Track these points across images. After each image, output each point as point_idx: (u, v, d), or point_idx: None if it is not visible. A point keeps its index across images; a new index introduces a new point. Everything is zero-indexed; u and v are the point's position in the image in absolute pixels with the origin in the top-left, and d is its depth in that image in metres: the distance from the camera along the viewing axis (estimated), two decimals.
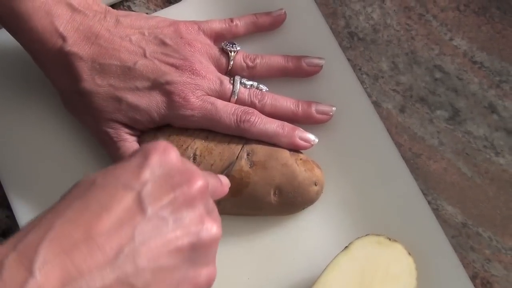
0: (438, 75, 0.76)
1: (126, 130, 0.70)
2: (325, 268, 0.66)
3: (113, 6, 0.79)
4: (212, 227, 0.54)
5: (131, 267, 0.49)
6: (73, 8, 0.69)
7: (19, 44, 0.70)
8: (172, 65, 0.70)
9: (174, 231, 0.52)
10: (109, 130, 0.70)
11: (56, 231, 0.48)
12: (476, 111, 0.75)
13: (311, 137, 0.72)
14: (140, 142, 0.71)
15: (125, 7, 0.80)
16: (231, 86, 0.72)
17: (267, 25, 0.77)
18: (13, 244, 0.48)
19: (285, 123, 0.71)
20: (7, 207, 0.73)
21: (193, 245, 0.53)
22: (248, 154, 0.70)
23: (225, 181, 0.63)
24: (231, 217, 0.71)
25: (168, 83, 0.69)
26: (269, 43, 0.77)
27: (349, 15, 0.79)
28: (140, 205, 0.51)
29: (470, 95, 0.76)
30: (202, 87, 0.70)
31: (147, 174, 0.52)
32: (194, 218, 0.53)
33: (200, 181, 0.54)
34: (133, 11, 0.79)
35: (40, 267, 0.46)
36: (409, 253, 0.67)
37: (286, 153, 0.71)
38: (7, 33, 0.70)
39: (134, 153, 0.55)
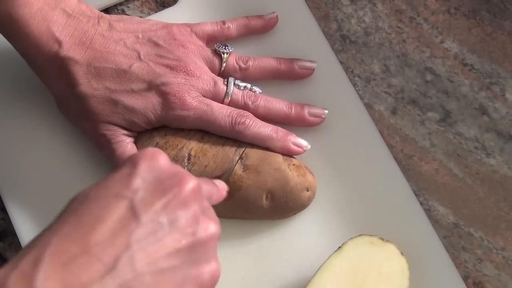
0: (429, 77, 0.77)
1: (123, 131, 0.70)
2: (319, 268, 0.67)
3: (107, 9, 0.80)
4: (208, 226, 0.55)
5: (131, 273, 0.50)
6: (68, 14, 0.70)
7: (15, 50, 0.71)
8: (166, 66, 0.70)
9: (170, 233, 0.52)
10: (106, 132, 0.70)
11: (54, 247, 0.49)
12: (467, 113, 0.76)
13: (303, 143, 0.72)
14: (136, 143, 0.71)
15: (119, 11, 0.80)
16: (225, 87, 0.72)
17: (259, 28, 0.77)
18: (13, 264, 0.48)
19: (279, 127, 0.72)
20: (3, 209, 0.73)
21: (191, 245, 0.53)
22: (241, 158, 0.70)
23: (221, 185, 0.63)
24: (226, 218, 0.71)
25: (163, 84, 0.70)
26: (262, 46, 0.77)
27: (341, 18, 0.79)
28: (133, 212, 0.52)
29: (461, 97, 0.76)
30: (196, 88, 0.71)
31: (137, 181, 0.53)
32: (189, 219, 0.54)
33: (191, 182, 0.55)
34: (127, 14, 0.80)
35: (42, 283, 0.47)
36: (402, 253, 0.67)
37: (279, 158, 0.71)
38: (3, 39, 0.71)
39: (123, 163, 0.55)
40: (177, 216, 0.53)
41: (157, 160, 0.55)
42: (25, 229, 0.72)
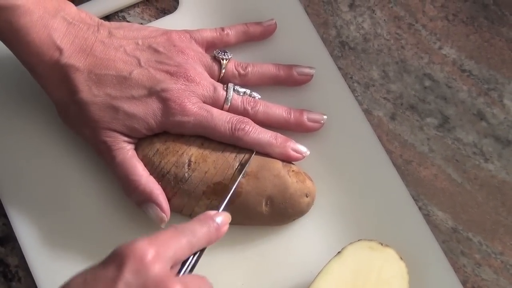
0: (427, 83, 0.77)
1: (124, 138, 0.70)
2: (318, 273, 0.67)
3: (108, 16, 0.80)
4: None
5: None
6: (68, 22, 0.70)
7: (16, 58, 0.71)
8: (166, 72, 0.71)
9: None
10: (107, 139, 0.70)
11: None
12: (465, 119, 0.76)
13: (303, 149, 0.73)
14: (137, 149, 0.71)
15: (119, 18, 0.80)
16: (225, 93, 0.72)
17: (258, 35, 0.78)
18: None
19: (278, 134, 0.72)
20: (4, 215, 0.74)
21: None
22: (240, 164, 0.71)
23: (224, 220, 0.63)
24: None
25: (163, 90, 0.70)
26: (261, 53, 0.78)
27: (340, 24, 0.80)
28: None
29: (459, 102, 0.77)
30: (196, 94, 0.71)
31: None
32: None
33: None
34: (127, 21, 0.80)
35: None
36: (401, 258, 0.67)
37: (278, 164, 0.71)
38: (3, 47, 0.71)
39: (111, 256, 0.55)
40: None
41: (145, 260, 0.54)
42: (26, 234, 0.72)
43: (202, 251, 0.62)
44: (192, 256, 0.61)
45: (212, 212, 0.63)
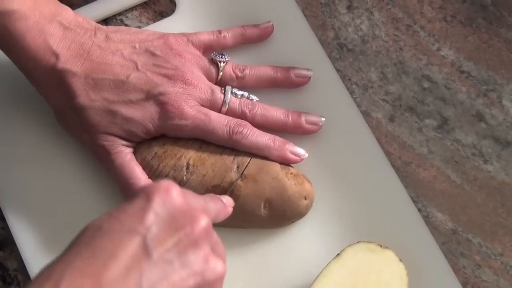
0: (426, 84, 0.77)
1: (122, 142, 0.70)
2: (317, 275, 0.67)
3: (106, 20, 0.80)
4: (216, 266, 0.56)
5: None
6: (64, 27, 0.70)
7: (13, 63, 0.71)
8: (164, 75, 0.71)
9: (179, 273, 0.53)
10: (105, 143, 0.70)
11: (67, 282, 0.49)
12: (464, 120, 0.76)
13: (301, 151, 0.72)
14: (135, 153, 0.71)
15: (117, 21, 0.80)
16: (222, 96, 0.72)
17: (255, 37, 0.78)
18: None
19: (277, 137, 0.72)
20: (2, 218, 0.74)
21: (199, 285, 0.54)
22: (238, 167, 0.71)
23: (228, 202, 0.64)
24: (224, 227, 0.72)
25: (161, 94, 0.70)
26: (259, 55, 0.78)
27: (338, 26, 0.80)
28: (145, 249, 0.52)
29: (458, 104, 0.77)
30: (194, 97, 0.71)
31: (150, 216, 0.54)
32: (199, 258, 0.55)
33: (203, 220, 0.56)
34: (125, 24, 0.80)
35: None
36: (400, 260, 0.67)
37: (276, 167, 0.71)
38: (0, 52, 0.71)
39: (136, 194, 0.56)
40: (187, 256, 0.54)
41: (171, 194, 0.55)
42: (25, 238, 0.72)
43: None
44: None
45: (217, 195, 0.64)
